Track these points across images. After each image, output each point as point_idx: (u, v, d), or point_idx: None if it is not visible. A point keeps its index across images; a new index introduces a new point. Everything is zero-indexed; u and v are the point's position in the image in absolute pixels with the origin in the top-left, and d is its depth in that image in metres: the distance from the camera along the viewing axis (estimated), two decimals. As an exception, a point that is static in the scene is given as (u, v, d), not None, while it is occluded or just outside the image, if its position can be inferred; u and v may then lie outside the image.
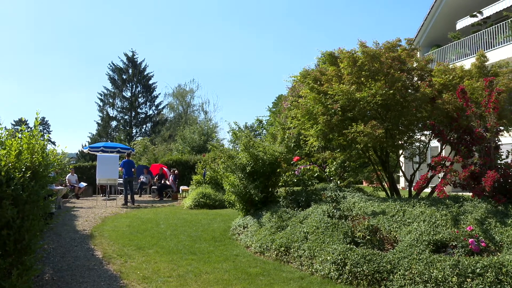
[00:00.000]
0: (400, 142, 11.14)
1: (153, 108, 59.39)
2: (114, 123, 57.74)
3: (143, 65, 58.44)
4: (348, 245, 7.40)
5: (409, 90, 10.69)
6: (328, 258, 7.28)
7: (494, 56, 18.29)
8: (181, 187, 23.73)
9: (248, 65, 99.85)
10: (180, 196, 23.41)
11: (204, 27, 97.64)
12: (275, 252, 8.56)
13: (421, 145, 11.79)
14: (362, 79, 10.41)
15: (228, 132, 60.85)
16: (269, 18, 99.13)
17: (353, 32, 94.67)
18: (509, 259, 5.91)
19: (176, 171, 24.74)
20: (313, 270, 7.41)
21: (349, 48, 11.12)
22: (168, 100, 63.02)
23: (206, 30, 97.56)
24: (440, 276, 5.94)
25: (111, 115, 57.42)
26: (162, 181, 24.02)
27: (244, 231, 10.58)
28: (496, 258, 6.03)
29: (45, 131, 71.39)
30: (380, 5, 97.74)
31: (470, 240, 6.55)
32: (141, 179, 25.03)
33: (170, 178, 24.06)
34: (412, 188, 11.22)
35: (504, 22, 20.64)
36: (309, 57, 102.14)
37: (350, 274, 6.79)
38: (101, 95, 57.58)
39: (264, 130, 46.19)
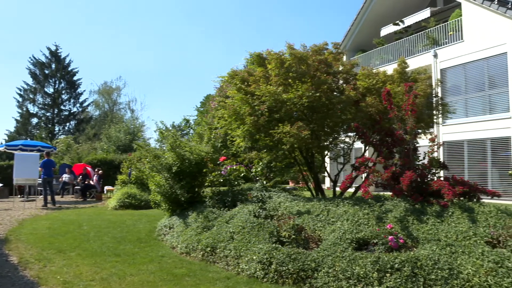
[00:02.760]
0: (325, 143, 11.39)
1: (78, 105, 57.25)
2: (34, 120, 54.92)
3: (67, 60, 56.14)
4: (274, 245, 7.46)
5: (335, 93, 10.93)
6: (254, 257, 7.30)
7: (414, 63, 19.20)
8: (106, 187, 23.17)
9: (178, 64, 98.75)
10: (105, 197, 22.79)
11: (133, 24, 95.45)
12: (201, 253, 8.49)
13: (345, 146, 12.12)
14: (289, 80, 10.54)
15: (155, 132, 59.85)
16: (201, 17, 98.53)
17: (283, 34, 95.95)
18: (424, 253, 6.25)
19: (100, 171, 24.10)
20: (239, 270, 7.40)
21: (277, 50, 11.25)
22: (93, 98, 61.30)
23: (135, 27, 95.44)
24: (361, 273, 6.13)
25: (31, 111, 54.45)
26: (86, 181, 23.29)
27: (170, 232, 10.44)
28: (412, 253, 6.35)
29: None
30: (310, 9, 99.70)
31: (389, 237, 6.80)
32: (63, 179, 24.13)
33: (94, 178, 23.40)
34: (337, 188, 11.51)
35: (422, 32, 21.78)
36: (238, 57, 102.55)
37: (275, 273, 6.84)
38: (20, 90, 54.26)
39: (191, 130, 45.84)
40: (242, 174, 12.10)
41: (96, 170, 24.25)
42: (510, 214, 7.59)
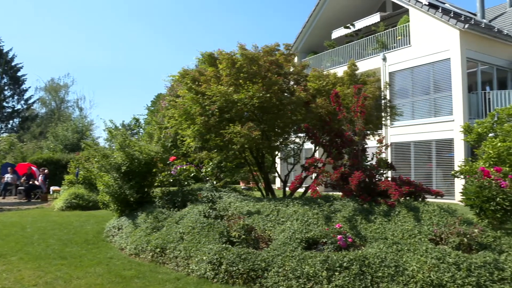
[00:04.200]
0: (276, 144, 11.47)
1: (22, 102, 54.88)
2: (-27, 117, 52.62)
3: (10, 55, 53.92)
4: (224, 245, 7.46)
5: (285, 94, 11.04)
6: (204, 258, 7.27)
7: (364, 65, 19.61)
8: (52, 188, 22.46)
9: (128, 62, 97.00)
10: (51, 197, 22.08)
11: (82, 19, 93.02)
12: (151, 254, 8.38)
13: (295, 147, 12.24)
14: (240, 81, 10.55)
15: (104, 131, 58.66)
16: (151, 14, 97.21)
17: (235, 35, 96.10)
18: (371, 252, 6.44)
19: (46, 171, 23.38)
20: (189, 271, 7.36)
21: (228, 50, 11.25)
22: (39, 95, 59.30)
23: (84, 22, 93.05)
24: (311, 272, 6.23)
25: (-30, 108, 52.14)
26: (30, 181, 22.53)
27: (119, 233, 10.25)
28: (360, 252, 6.52)
29: None
30: (263, 10, 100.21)
31: (338, 236, 6.93)
32: (5, 179, 23.26)
33: (40, 178, 22.69)
34: (287, 188, 11.61)
35: (372, 36, 22.29)
36: (190, 56, 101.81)
37: (226, 273, 6.84)
38: (-44, 85, 51.91)
39: (141, 129, 45.22)
40: (192, 174, 12.01)
41: (41, 169, 23.51)
42: (452, 213, 7.96)
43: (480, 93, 18.46)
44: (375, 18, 23.13)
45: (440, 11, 18.64)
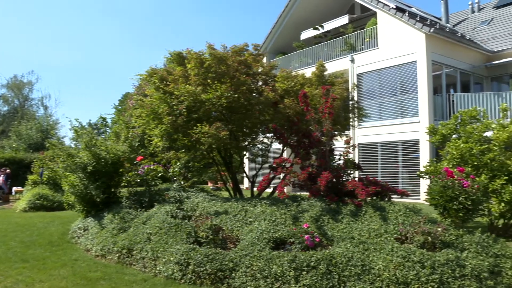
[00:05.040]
0: (244, 144, 11.49)
1: (-19, 100, 53.74)
2: None
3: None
4: (192, 245, 7.42)
5: (254, 94, 11.05)
6: (172, 258, 7.23)
7: (332, 67, 19.75)
8: (14, 188, 21.94)
9: (96, 60, 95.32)
10: (13, 198, 21.56)
11: (47, 15, 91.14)
12: (117, 255, 8.28)
13: (263, 147, 12.26)
14: (209, 81, 10.52)
15: (70, 130, 57.67)
16: (121, 13, 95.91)
17: (205, 34, 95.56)
18: (339, 251, 6.53)
19: (8, 170, 22.79)
20: (156, 272, 7.30)
21: (197, 49, 11.20)
22: (1, 92, 57.82)
23: (51, 21, 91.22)
24: (279, 271, 6.26)
25: None
26: (-9, 181, 21.93)
27: (85, 234, 10.09)
28: (327, 251, 6.59)
29: None
30: (232, 10, 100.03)
31: (306, 236, 6.99)
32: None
33: (1, 178, 22.10)
34: (255, 188, 11.62)
35: (341, 37, 22.54)
36: (159, 55, 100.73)
37: (193, 274, 6.81)
38: None
39: (108, 128, 44.59)
40: (160, 174, 11.90)
41: (3, 169, 22.92)
42: (417, 212, 8.14)
43: (445, 96, 18.84)
44: (343, 20, 23.37)
45: (407, 14, 18.95)
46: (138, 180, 11.16)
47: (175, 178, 12.74)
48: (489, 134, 9.84)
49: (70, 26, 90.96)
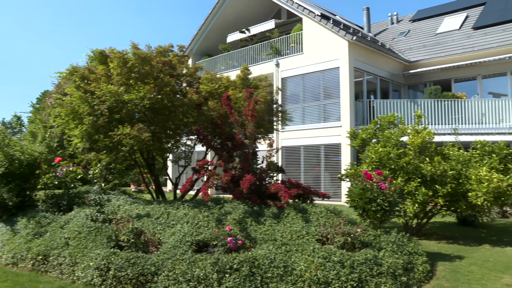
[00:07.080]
0: (167, 146, 11.37)
1: None
2: None
3: None
4: (112, 249, 7.25)
5: (178, 96, 10.95)
6: (91, 264, 7.02)
7: (257, 70, 19.96)
8: None
9: (13, 54, 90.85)
10: None
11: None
12: (31, 262, 7.95)
13: (187, 149, 12.21)
14: (132, 81, 10.32)
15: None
16: (41, 6, 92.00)
17: (130, 34, 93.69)
18: (261, 253, 6.63)
19: None
20: (74, 278, 7.08)
21: (121, 48, 10.95)
22: None
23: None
24: (202, 274, 6.24)
25: None
26: None
27: (-6, 241, 9.57)
28: (250, 253, 6.68)
29: None
30: (157, 11, 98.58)
31: (228, 238, 7.03)
32: None
33: None
34: (178, 190, 11.53)
35: (267, 41, 22.85)
36: (81, 53, 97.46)
37: (114, 279, 6.64)
38: None
39: (24, 128, 42.54)
40: (80, 176, 11.51)
41: None
42: (337, 214, 8.43)
43: (366, 101, 19.58)
44: (270, 24, 23.75)
45: (331, 22, 19.53)
46: (56, 182, 10.74)
47: (95, 180, 12.39)
48: (405, 139, 10.34)
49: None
